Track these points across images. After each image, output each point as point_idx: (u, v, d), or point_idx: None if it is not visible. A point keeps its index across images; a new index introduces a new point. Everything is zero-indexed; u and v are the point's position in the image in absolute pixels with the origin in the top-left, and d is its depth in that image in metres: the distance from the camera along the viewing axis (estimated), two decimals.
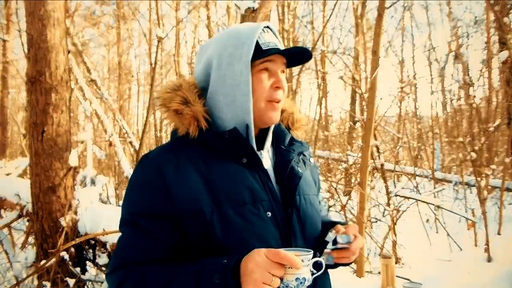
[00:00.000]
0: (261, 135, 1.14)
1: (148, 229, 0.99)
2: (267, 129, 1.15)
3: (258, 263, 0.85)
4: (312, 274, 0.92)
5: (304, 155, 1.20)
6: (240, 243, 0.97)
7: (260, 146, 1.13)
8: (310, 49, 1.32)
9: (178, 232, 0.99)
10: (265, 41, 1.07)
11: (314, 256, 0.92)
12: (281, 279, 0.86)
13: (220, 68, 1.07)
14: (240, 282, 0.86)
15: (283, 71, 1.11)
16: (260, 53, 1.06)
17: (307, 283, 0.88)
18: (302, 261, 0.87)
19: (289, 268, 0.86)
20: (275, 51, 1.07)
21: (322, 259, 0.95)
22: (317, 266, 0.93)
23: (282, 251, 0.85)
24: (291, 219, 1.05)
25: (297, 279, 0.87)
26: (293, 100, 1.25)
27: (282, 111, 1.21)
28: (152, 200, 1.00)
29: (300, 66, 7.88)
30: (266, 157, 1.13)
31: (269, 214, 1.02)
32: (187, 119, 1.05)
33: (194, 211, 0.98)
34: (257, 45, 1.06)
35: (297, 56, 1.12)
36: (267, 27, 1.11)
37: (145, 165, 1.05)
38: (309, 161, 1.21)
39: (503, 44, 6.02)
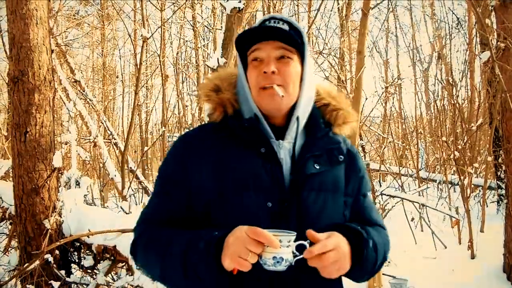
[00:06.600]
0: (288, 124, 1.11)
1: (168, 191, 1.11)
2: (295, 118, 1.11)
3: (237, 238, 0.90)
4: (295, 256, 0.94)
5: (334, 150, 1.13)
6: (232, 227, 0.96)
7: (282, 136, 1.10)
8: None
9: (189, 202, 1.08)
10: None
11: (297, 239, 0.93)
12: (260, 256, 0.91)
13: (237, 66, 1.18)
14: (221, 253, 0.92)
15: (284, 56, 1.07)
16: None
17: (285, 263, 0.92)
18: (281, 241, 0.90)
19: (267, 246, 0.90)
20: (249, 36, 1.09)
21: (306, 243, 0.94)
22: (301, 249, 0.94)
23: (261, 229, 0.89)
24: (289, 212, 1.04)
25: (274, 257, 0.91)
26: (342, 95, 1.21)
27: (326, 105, 1.18)
28: (174, 170, 1.12)
29: None
30: (286, 148, 1.09)
31: (270, 204, 1.03)
32: (214, 105, 1.13)
33: (198, 190, 1.06)
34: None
35: (278, 32, 1.06)
36: (273, 18, 1.12)
37: (178, 141, 1.17)
38: (339, 159, 1.13)
39: (484, 45, 6.12)
